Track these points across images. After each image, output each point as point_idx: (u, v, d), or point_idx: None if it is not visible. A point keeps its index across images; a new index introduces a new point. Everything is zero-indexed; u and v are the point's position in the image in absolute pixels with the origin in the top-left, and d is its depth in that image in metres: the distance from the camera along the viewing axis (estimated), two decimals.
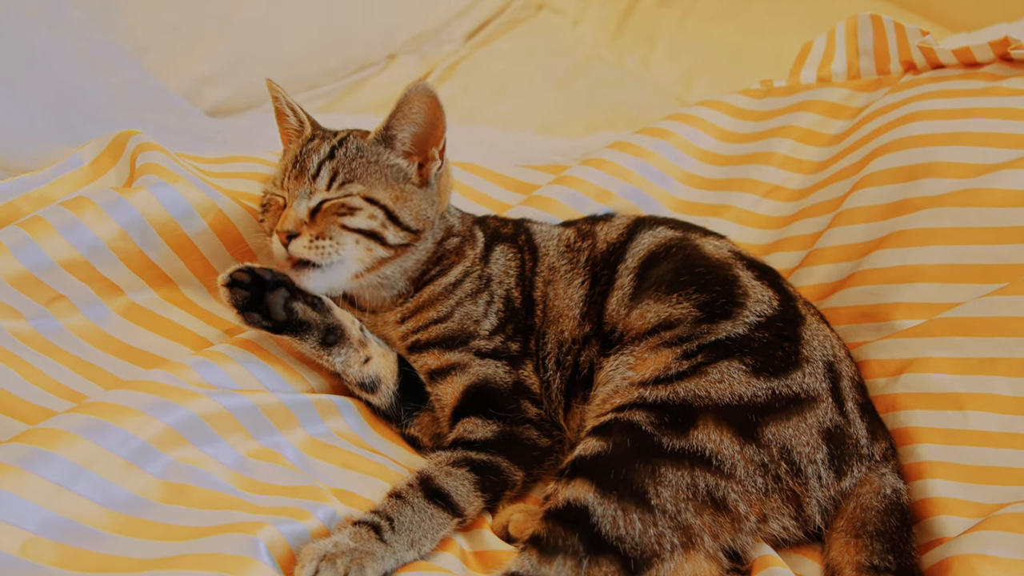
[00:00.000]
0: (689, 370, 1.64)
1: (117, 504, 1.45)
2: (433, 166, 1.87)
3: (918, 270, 1.91)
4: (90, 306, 1.83)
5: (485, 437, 1.73)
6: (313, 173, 1.79)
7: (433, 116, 1.82)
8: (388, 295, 1.88)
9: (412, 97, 1.79)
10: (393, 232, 1.80)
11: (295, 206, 1.76)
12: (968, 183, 1.93)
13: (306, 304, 1.75)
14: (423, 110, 1.81)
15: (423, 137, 1.84)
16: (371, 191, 1.79)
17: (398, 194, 1.82)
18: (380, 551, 1.48)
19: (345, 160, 1.80)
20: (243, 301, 1.72)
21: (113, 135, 2.01)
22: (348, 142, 1.84)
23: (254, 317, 1.73)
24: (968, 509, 1.61)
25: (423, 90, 1.78)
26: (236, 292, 1.72)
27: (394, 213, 1.80)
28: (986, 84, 2.11)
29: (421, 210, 1.84)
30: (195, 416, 1.57)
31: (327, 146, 1.83)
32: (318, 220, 1.76)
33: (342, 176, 1.79)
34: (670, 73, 3.60)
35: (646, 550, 1.50)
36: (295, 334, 1.75)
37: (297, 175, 1.80)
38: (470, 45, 3.71)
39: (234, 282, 1.72)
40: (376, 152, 1.83)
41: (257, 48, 3.16)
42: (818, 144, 2.32)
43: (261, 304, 1.73)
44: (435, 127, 1.83)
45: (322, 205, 1.77)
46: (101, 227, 1.81)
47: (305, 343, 1.76)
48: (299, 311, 1.74)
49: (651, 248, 1.85)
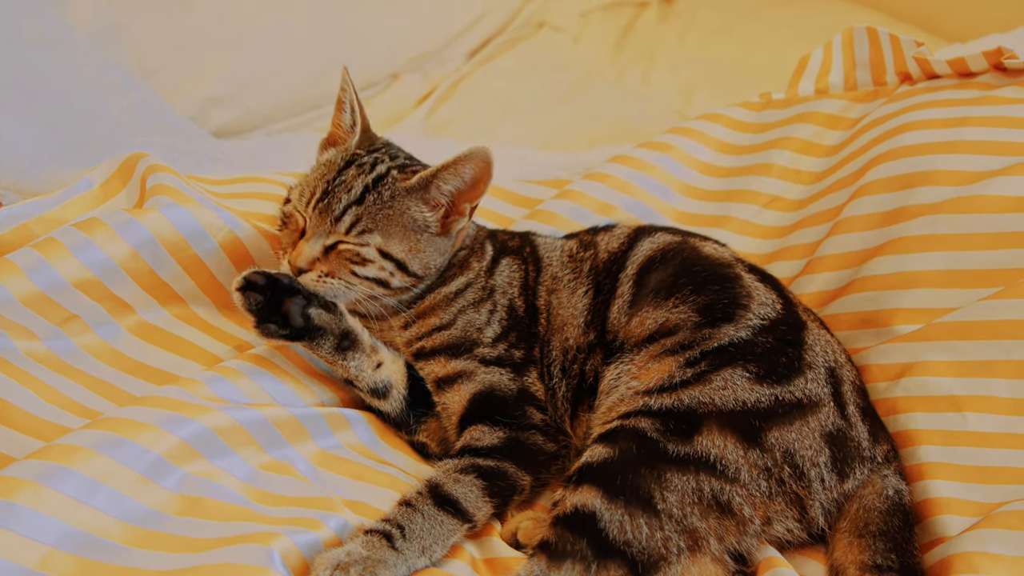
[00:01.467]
0: (693, 378, 1.67)
1: (133, 517, 1.48)
2: (459, 221, 1.90)
3: (916, 276, 1.94)
4: (103, 325, 1.85)
5: (492, 444, 1.75)
6: (337, 215, 1.81)
7: (479, 178, 1.85)
8: (384, 308, 1.90)
9: (471, 158, 1.81)
10: (399, 279, 1.85)
11: (312, 243, 1.80)
12: (964, 190, 1.96)
13: (321, 308, 1.78)
14: (474, 172, 1.84)
15: (462, 193, 1.87)
16: (387, 244, 1.82)
17: (413, 245, 1.85)
18: (392, 559, 1.51)
19: (372, 208, 1.82)
20: (257, 306, 1.74)
21: (123, 157, 2.03)
22: (383, 187, 1.85)
23: (270, 328, 1.75)
24: (968, 508, 1.63)
25: (484, 156, 1.81)
26: (250, 296, 1.74)
27: (404, 264, 1.84)
28: (980, 93, 2.14)
29: (431, 260, 1.88)
30: (208, 430, 1.60)
31: (360, 186, 1.84)
32: (331, 258, 1.80)
33: (363, 224, 1.81)
34: (670, 88, 3.63)
35: (653, 554, 1.52)
36: (312, 340, 1.77)
37: (323, 210, 1.82)
38: (472, 63, 3.75)
39: (248, 285, 1.74)
40: (407, 203, 1.85)
41: (262, 70, 3.20)
42: (817, 155, 2.35)
43: (276, 314, 1.75)
44: (476, 188, 1.86)
45: (337, 246, 1.81)
46: (113, 247, 1.83)
47: (321, 348, 1.78)
48: (315, 316, 1.76)
49: (649, 254, 1.87)
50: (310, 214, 1.83)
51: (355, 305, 1.85)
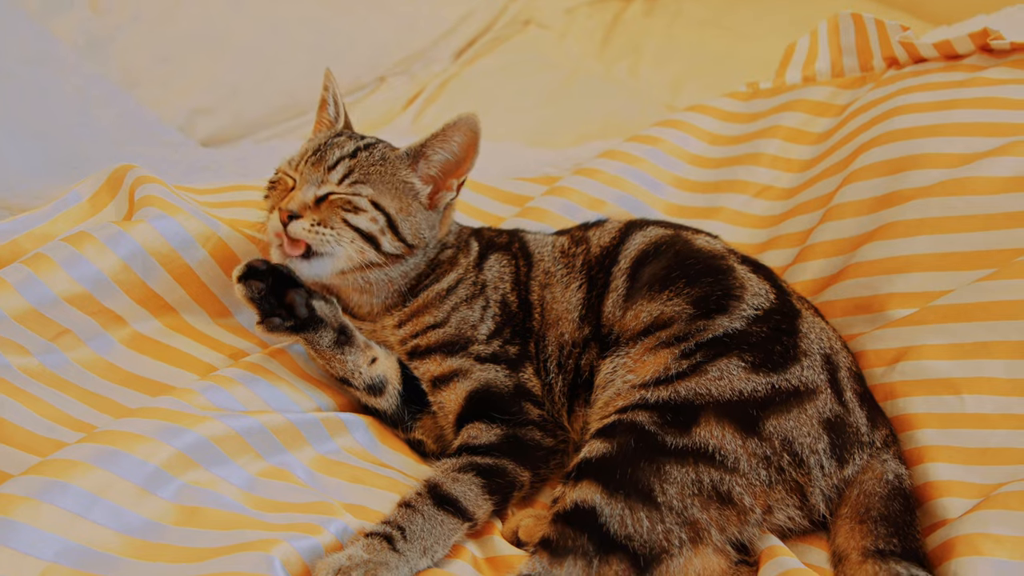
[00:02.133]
0: (689, 369, 1.66)
1: (132, 530, 1.47)
2: (446, 195, 1.91)
3: (909, 260, 1.94)
4: (95, 338, 1.85)
5: (489, 441, 1.75)
6: (330, 164, 1.84)
7: (468, 150, 1.87)
8: (375, 302, 1.91)
9: (460, 125, 1.84)
10: (389, 240, 1.84)
11: (304, 189, 1.81)
12: (954, 173, 1.96)
13: (321, 300, 1.79)
14: (463, 141, 1.86)
15: (451, 165, 1.89)
16: (379, 197, 1.84)
17: (403, 206, 1.86)
18: (393, 561, 1.50)
19: (365, 163, 1.85)
20: (260, 295, 1.76)
21: (111, 170, 2.03)
22: (375, 148, 1.90)
23: (275, 322, 1.76)
24: (969, 490, 1.63)
25: (472, 122, 1.83)
26: (252, 285, 1.75)
27: (395, 222, 1.84)
28: (967, 75, 2.15)
29: (420, 228, 1.88)
30: (204, 439, 1.59)
31: (352, 145, 1.89)
32: (322, 208, 1.81)
33: (356, 175, 1.83)
34: (658, 81, 3.63)
35: (655, 547, 1.52)
36: (314, 332, 1.78)
37: (314, 162, 1.85)
38: (459, 63, 3.74)
39: (249, 272, 1.76)
40: (397, 165, 1.88)
41: (249, 78, 3.19)
42: (806, 142, 2.35)
43: (279, 307, 1.77)
44: (465, 160, 1.88)
45: (329, 196, 1.81)
46: (103, 260, 1.83)
47: (321, 342, 1.79)
48: (318, 307, 1.78)
49: (642, 248, 1.87)
50: (302, 170, 1.85)
51: (346, 281, 1.86)
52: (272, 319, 1.76)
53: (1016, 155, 1.92)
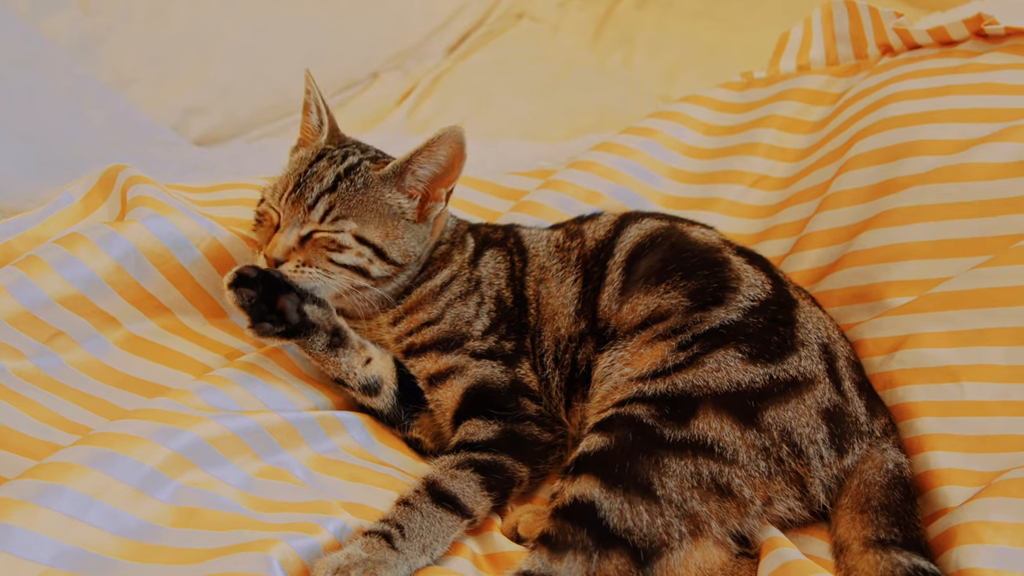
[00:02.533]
0: (686, 361, 1.66)
1: (129, 532, 1.47)
2: (436, 207, 1.89)
3: (907, 248, 1.93)
4: (89, 340, 1.84)
5: (487, 438, 1.74)
6: (310, 203, 1.80)
7: (454, 161, 1.84)
8: (370, 310, 1.89)
9: (445, 139, 1.80)
10: (378, 266, 1.83)
11: (286, 233, 1.78)
12: (950, 159, 1.95)
13: (314, 304, 1.77)
14: (449, 153, 1.83)
15: (438, 177, 1.86)
16: (363, 230, 1.81)
17: (389, 231, 1.84)
18: (392, 559, 1.49)
19: (345, 195, 1.81)
20: (251, 302, 1.73)
21: (103, 170, 2.02)
22: (355, 174, 1.84)
23: (265, 327, 1.74)
24: (969, 478, 1.63)
25: (456, 136, 1.80)
26: (243, 293, 1.73)
27: (382, 251, 1.82)
28: (962, 61, 2.14)
29: (410, 247, 1.86)
30: (201, 440, 1.58)
31: (332, 175, 1.83)
32: (307, 247, 1.78)
33: (337, 211, 1.80)
34: (652, 73, 3.62)
35: (655, 540, 1.52)
36: (306, 337, 1.77)
37: (295, 200, 1.80)
38: (452, 58, 3.73)
39: (239, 280, 1.73)
40: (381, 189, 1.84)
41: (241, 76, 3.18)
42: (801, 132, 2.34)
43: (270, 312, 1.75)
44: (451, 171, 1.85)
45: (312, 235, 1.79)
46: (96, 262, 1.82)
47: (314, 346, 1.78)
48: (309, 312, 1.76)
49: (637, 240, 1.86)
50: (283, 207, 1.81)
51: (340, 301, 1.84)
52: (262, 324, 1.74)
53: (1012, 141, 1.91)
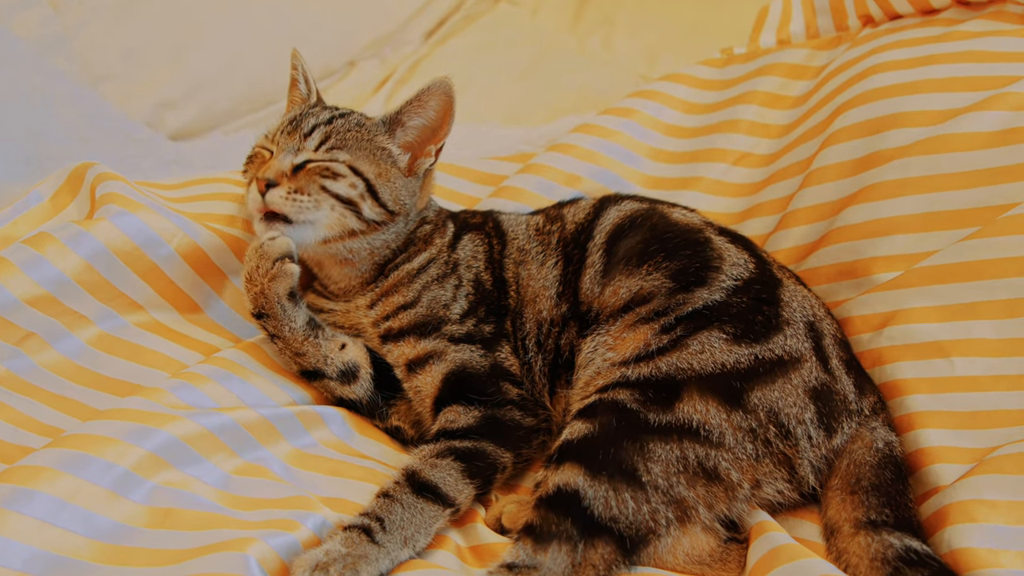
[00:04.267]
0: (669, 344, 1.63)
1: (103, 534, 1.44)
2: (425, 161, 1.90)
3: (892, 222, 1.90)
4: (61, 340, 1.81)
5: (468, 424, 1.71)
6: (306, 131, 1.83)
7: (444, 114, 1.86)
8: (354, 275, 1.89)
9: (434, 90, 1.83)
10: (370, 206, 1.82)
11: (281, 158, 1.80)
12: (934, 130, 1.92)
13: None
14: (439, 106, 1.85)
15: (428, 131, 1.88)
16: (357, 162, 1.82)
17: (382, 171, 1.85)
18: (373, 553, 1.47)
19: (341, 129, 1.85)
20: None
21: (71, 168, 1.99)
22: (350, 116, 1.89)
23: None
24: (961, 455, 1.60)
25: (446, 87, 1.83)
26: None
27: (375, 188, 1.82)
28: (944, 30, 2.11)
29: (401, 194, 1.86)
30: (175, 439, 1.56)
31: (327, 114, 1.88)
32: (300, 176, 1.79)
33: (333, 141, 1.83)
34: (633, 53, 3.59)
35: (641, 528, 1.49)
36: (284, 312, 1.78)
37: (290, 132, 1.85)
38: (430, 44, 3.69)
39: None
40: (374, 132, 1.87)
41: (216, 68, 3.14)
42: (783, 107, 2.31)
43: None
44: (441, 126, 1.88)
45: (307, 164, 1.80)
46: (64, 262, 1.79)
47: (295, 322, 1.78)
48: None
49: (617, 222, 1.84)
50: (279, 139, 1.84)
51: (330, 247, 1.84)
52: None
53: (998, 109, 1.88)
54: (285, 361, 1.83)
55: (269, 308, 1.77)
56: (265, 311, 1.78)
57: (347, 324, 1.89)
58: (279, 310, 1.77)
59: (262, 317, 1.79)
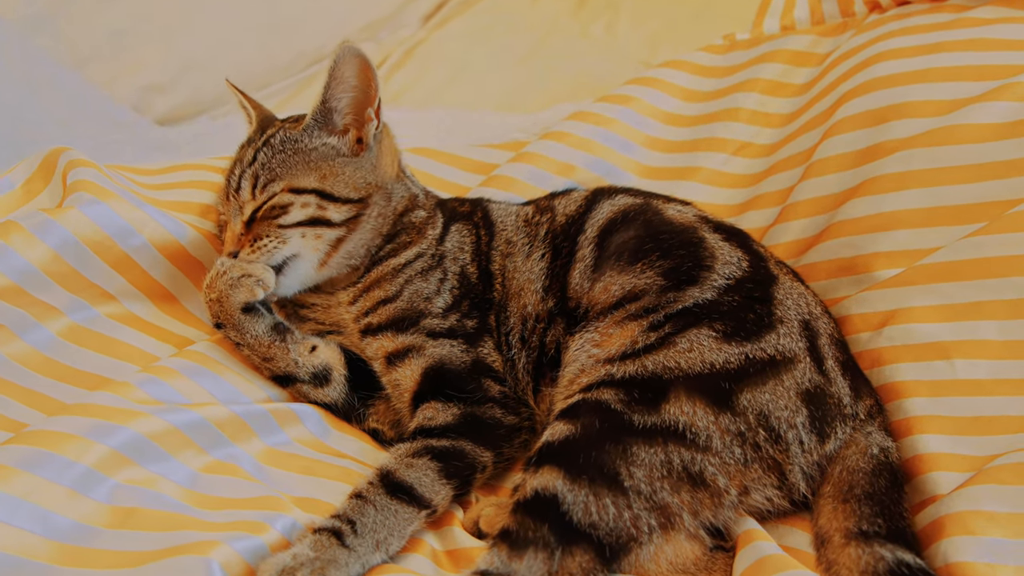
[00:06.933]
0: (657, 342, 1.57)
1: (61, 534, 1.39)
2: (370, 127, 1.85)
3: (895, 217, 1.84)
4: (30, 331, 1.75)
5: (446, 422, 1.67)
6: (235, 187, 1.80)
7: (365, 76, 1.81)
8: (362, 259, 1.86)
9: (342, 60, 1.78)
10: (335, 209, 1.79)
11: (231, 226, 1.80)
12: (940, 121, 1.86)
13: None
14: (355, 71, 1.80)
15: (360, 101, 1.83)
16: (294, 180, 1.78)
17: (326, 172, 1.80)
18: (343, 557, 1.41)
19: (265, 160, 1.81)
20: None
21: (44, 153, 1.94)
22: (272, 139, 1.83)
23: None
24: (960, 463, 1.53)
25: (350, 50, 1.77)
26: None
27: (327, 191, 1.78)
28: (954, 16, 2.04)
29: (357, 177, 1.82)
30: (140, 436, 1.51)
31: (251, 151, 1.83)
32: (254, 228, 1.77)
33: (263, 178, 1.79)
34: (636, 38, 3.53)
35: (622, 535, 1.42)
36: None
37: (228, 194, 1.83)
38: (427, 28, 3.65)
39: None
40: (300, 140, 1.82)
41: (204, 51, 3.10)
42: (785, 95, 2.25)
43: None
44: (368, 86, 1.82)
45: (255, 214, 1.77)
46: (31, 251, 1.74)
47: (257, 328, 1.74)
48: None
49: (609, 216, 1.79)
50: (224, 206, 1.83)
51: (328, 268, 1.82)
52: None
53: (1007, 99, 1.82)
54: (256, 365, 1.78)
55: (226, 318, 1.74)
56: (222, 320, 1.74)
57: (328, 320, 1.85)
58: (236, 320, 1.73)
59: (222, 327, 1.75)
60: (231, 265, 1.74)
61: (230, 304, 1.72)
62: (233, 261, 1.75)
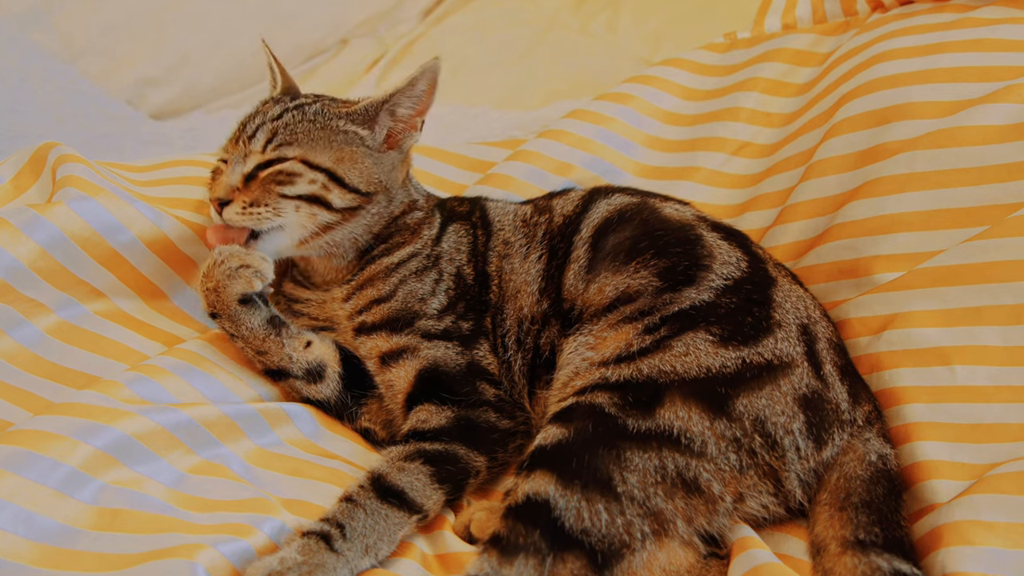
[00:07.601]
0: (652, 345, 1.55)
1: (45, 536, 1.37)
2: (410, 135, 1.85)
3: (896, 219, 1.81)
4: (17, 328, 1.72)
5: (439, 425, 1.65)
6: (249, 134, 1.76)
7: (431, 91, 1.82)
8: (339, 265, 1.84)
9: (426, 74, 1.80)
10: (339, 195, 1.76)
11: (229, 172, 1.74)
12: (943, 122, 1.83)
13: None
14: (427, 85, 1.82)
15: (414, 110, 1.84)
16: (309, 153, 1.75)
17: (344, 155, 1.78)
18: (331, 562, 1.39)
19: (291, 122, 1.78)
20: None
21: (34, 148, 1.91)
22: (307, 106, 1.81)
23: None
24: (959, 471, 1.51)
25: (436, 68, 1.80)
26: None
27: (338, 175, 1.76)
28: (957, 16, 2.01)
29: (371, 173, 1.80)
30: (127, 436, 1.48)
31: (278, 108, 1.81)
32: (253, 188, 1.72)
33: (281, 137, 1.75)
34: (637, 35, 3.50)
35: (615, 541, 1.40)
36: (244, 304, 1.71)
37: (237, 139, 1.78)
38: (427, 23, 3.62)
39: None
40: (336, 119, 1.80)
41: (200, 44, 3.08)
42: (786, 95, 2.22)
43: None
44: (429, 100, 1.84)
45: (259, 172, 1.73)
46: (19, 248, 1.71)
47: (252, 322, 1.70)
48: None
49: (605, 216, 1.76)
50: (229, 149, 1.79)
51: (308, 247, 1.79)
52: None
53: (1011, 101, 1.79)
54: (249, 359, 1.75)
55: (222, 308, 1.70)
56: (218, 310, 1.71)
57: (322, 316, 1.83)
58: (232, 311, 1.70)
59: (217, 317, 1.72)
60: (229, 254, 1.70)
61: (227, 295, 1.69)
62: (231, 250, 1.70)
